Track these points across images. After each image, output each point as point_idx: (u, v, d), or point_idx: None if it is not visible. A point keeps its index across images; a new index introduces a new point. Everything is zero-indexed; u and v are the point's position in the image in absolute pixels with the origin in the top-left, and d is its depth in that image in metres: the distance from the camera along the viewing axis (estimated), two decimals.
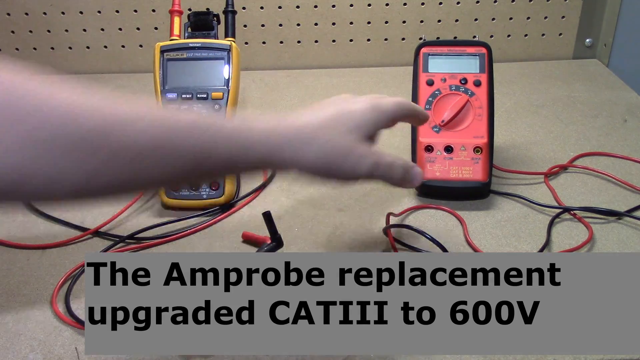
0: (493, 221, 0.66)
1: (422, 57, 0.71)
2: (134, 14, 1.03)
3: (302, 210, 0.69)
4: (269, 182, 0.74)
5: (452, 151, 0.68)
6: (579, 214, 0.66)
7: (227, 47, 0.70)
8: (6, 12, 1.03)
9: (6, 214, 0.69)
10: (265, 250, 0.60)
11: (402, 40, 1.07)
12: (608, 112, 0.89)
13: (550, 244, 0.62)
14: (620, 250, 0.61)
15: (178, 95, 0.69)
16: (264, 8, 1.03)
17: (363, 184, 0.73)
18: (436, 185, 0.68)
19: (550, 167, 0.74)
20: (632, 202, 0.68)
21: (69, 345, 0.51)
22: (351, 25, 1.05)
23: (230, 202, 0.69)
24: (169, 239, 0.64)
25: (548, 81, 1.00)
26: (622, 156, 0.77)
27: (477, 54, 0.70)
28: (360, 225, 0.66)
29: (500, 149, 0.79)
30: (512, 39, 1.07)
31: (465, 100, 0.69)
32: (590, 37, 1.07)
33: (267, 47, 1.07)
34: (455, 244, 0.63)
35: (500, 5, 1.04)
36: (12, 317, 0.55)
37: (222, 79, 0.69)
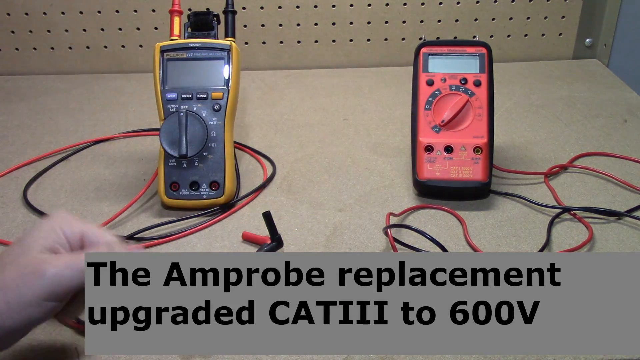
0: (493, 221, 0.66)
1: (422, 57, 0.71)
2: (134, 14, 1.03)
3: (302, 210, 0.69)
4: (269, 182, 0.74)
5: (452, 151, 0.68)
6: (579, 214, 0.66)
7: (227, 47, 0.70)
8: (6, 12, 1.03)
9: (6, 214, 0.69)
10: (265, 250, 0.60)
11: (402, 40, 1.07)
12: (608, 112, 0.89)
13: (550, 244, 0.62)
14: (620, 250, 0.61)
15: (178, 95, 0.68)
16: (264, 8, 1.03)
17: (363, 185, 0.73)
18: (436, 185, 0.68)
19: (550, 167, 0.74)
20: (632, 202, 0.68)
21: (69, 345, 0.51)
22: (351, 25, 1.05)
23: (230, 202, 0.69)
24: (169, 239, 0.64)
25: (548, 81, 1.00)
26: (622, 156, 0.77)
27: (477, 54, 0.70)
28: (360, 225, 0.66)
29: (500, 149, 0.79)
30: (512, 39, 1.07)
31: (465, 100, 0.69)
32: (590, 37, 1.07)
33: (267, 47, 1.07)
34: (455, 244, 0.63)
35: (500, 5, 1.04)
36: None
37: (222, 79, 0.69)
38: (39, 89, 1.02)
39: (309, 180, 0.74)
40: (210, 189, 0.68)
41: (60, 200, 0.72)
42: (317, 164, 0.78)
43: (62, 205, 0.70)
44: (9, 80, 1.05)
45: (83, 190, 0.74)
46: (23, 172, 0.78)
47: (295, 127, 0.88)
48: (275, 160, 0.79)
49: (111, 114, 0.93)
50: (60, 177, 0.77)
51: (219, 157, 0.68)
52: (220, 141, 0.68)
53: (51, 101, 0.98)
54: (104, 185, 0.74)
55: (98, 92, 1.01)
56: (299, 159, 0.79)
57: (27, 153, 0.82)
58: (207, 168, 0.68)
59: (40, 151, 0.82)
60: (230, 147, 0.69)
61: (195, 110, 0.68)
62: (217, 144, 0.68)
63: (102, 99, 0.98)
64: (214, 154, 0.68)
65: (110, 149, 0.83)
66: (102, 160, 0.80)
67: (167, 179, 0.68)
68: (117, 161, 0.80)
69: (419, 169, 0.69)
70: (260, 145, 0.82)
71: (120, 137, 0.86)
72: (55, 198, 0.72)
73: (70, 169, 0.78)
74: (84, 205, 0.70)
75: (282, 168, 0.77)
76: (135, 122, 0.90)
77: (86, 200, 0.71)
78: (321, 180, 0.74)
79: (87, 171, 0.78)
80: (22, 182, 0.75)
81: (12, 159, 0.81)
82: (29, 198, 0.72)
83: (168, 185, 0.68)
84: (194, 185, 0.68)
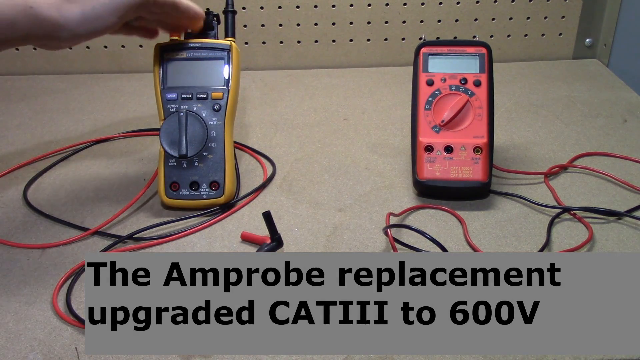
0: (493, 221, 0.66)
1: (422, 57, 0.71)
2: None
3: (302, 210, 0.69)
4: (269, 182, 0.74)
5: (452, 151, 0.68)
6: (579, 214, 0.66)
7: (227, 47, 0.70)
8: None
9: (6, 214, 0.69)
10: (265, 250, 0.60)
11: (402, 40, 1.07)
12: (608, 112, 0.89)
13: (550, 244, 0.62)
14: (620, 250, 0.61)
15: (178, 95, 0.69)
16: (264, 8, 1.03)
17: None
18: (436, 185, 0.68)
19: (550, 167, 0.74)
20: (632, 202, 0.68)
21: (69, 345, 0.51)
22: (351, 25, 1.05)
23: (230, 202, 0.69)
24: (169, 239, 0.64)
25: (548, 81, 1.00)
26: (622, 156, 0.77)
27: (477, 54, 0.70)
28: (360, 225, 0.66)
29: (500, 149, 0.79)
30: (512, 39, 1.07)
31: (465, 100, 0.69)
32: (590, 37, 1.07)
33: (267, 47, 1.07)
34: (455, 244, 0.63)
35: (500, 5, 1.04)
36: (12, 317, 0.55)
37: (222, 79, 0.70)
38: (39, 89, 1.02)
39: (309, 180, 0.75)
40: (210, 189, 0.68)
41: (60, 200, 0.72)
42: (317, 164, 0.78)
43: (62, 205, 0.70)
44: (8, 80, 1.05)
45: (83, 190, 0.74)
46: (23, 172, 0.78)
47: (295, 127, 0.88)
48: (275, 160, 0.79)
49: (111, 114, 0.93)
50: (60, 177, 0.77)
51: (219, 157, 0.68)
52: (220, 141, 0.68)
53: (51, 101, 0.98)
54: (104, 185, 0.74)
55: (98, 92, 1.01)
56: (299, 159, 0.79)
57: (27, 153, 0.82)
58: (207, 168, 0.68)
59: (40, 151, 0.82)
60: (230, 147, 0.69)
61: (195, 110, 0.68)
62: (217, 144, 0.68)
63: (102, 99, 0.98)
64: (214, 154, 0.68)
65: (110, 149, 0.83)
66: (102, 160, 0.80)
67: (167, 179, 0.68)
68: (117, 161, 0.80)
69: (419, 169, 0.69)
70: (260, 145, 0.83)
71: (120, 137, 0.86)
72: (55, 198, 0.72)
73: (70, 169, 0.79)
74: (84, 205, 0.70)
75: (282, 168, 0.77)
76: (135, 122, 0.90)
77: (86, 200, 0.72)
78: (321, 180, 0.74)
79: (87, 171, 0.78)
80: (22, 182, 0.75)
81: (12, 159, 0.81)
82: (29, 198, 0.72)
83: (168, 185, 0.68)
84: (194, 185, 0.68)
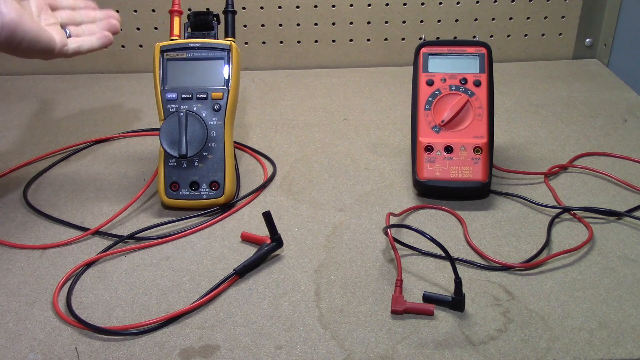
0: (493, 221, 0.66)
1: (422, 57, 0.71)
2: (134, 14, 1.03)
3: (302, 210, 0.69)
4: (269, 182, 0.74)
5: (452, 151, 0.68)
6: (579, 214, 0.66)
7: (227, 47, 0.70)
8: None
9: (6, 214, 0.69)
10: (265, 250, 0.60)
11: (402, 40, 1.07)
12: (608, 112, 0.89)
13: (550, 244, 0.62)
14: (620, 250, 0.61)
15: (178, 95, 0.68)
16: (264, 8, 1.03)
17: (363, 185, 0.73)
18: (436, 185, 0.68)
19: (550, 167, 0.74)
20: (632, 202, 0.68)
21: (69, 345, 0.51)
22: (351, 25, 1.05)
23: (230, 202, 0.69)
24: (169, 239, 0.64)
25: (548, 81, 1.00)
26: (622, 156, 0.77)
27: (477, 54, 0.70)
28: (360, 225, 0.66)
29: (500, 149, 0.79)
30: (512, 39, 1.07)
31: (465, 100, 0.69)
32: (590, 37, 1.07)
33: (267, 47, 1.07)
34: (455, 244, 0.63)
35: (500, 5, 1.04)
36: (12, 317, 0.55)
37: (222, 79, 0.70)
38: (39, 89, 1.02)
39: (309, 180, 0.74)
40: (210, 189, 0.68)
41: (60, 200, 0.72)
42: (317, 164, 0.78)
43: (62, 205, 0.70)
44: (8, 80, 1.05)
45: (83, 190, 0.74)
46: (23, 172, 0.78)
47: (295, 127, 0.88)
48: (275, 160, 0.79)
49: (111, 114, 0.93)
50: (60, 177, 0.77)
51: (219, 157, 0.68)
52: (220, 141, 0.68)
53: (51, 101, 0.98)
54: (104, 185, 0.74)
55: (98, 92, 1.01)
56: (299, 159, 0.79)
57: (27, 153, 0.82)
58: (207, 168, 0.68)
59: (40, 151, 0.82)
60: (230, 147, 0.69)
61: (195, 110, 0.68)
62: (217, 144, 0.68)
63: (102, 99, 0.98)
64: (214, 154, 0.68)
65: (110, 149, 0.83)
66: (102, 160, 0.80)
67: (167, 179, 0.68)
68: (117, 161, 0.80)
69: (419, 169, 0.69)
70: (260, 145, 0.83)
71: (120, 137, 0.86)
72: (55, 198, 0.72)
73: (70, 169, 0.79)
74: (83, 205, 0.70)
75: (282, 168, 0.77)
76: (135, 122, 0.90)
77: (86, 200, 0.71)
78: (321, 180, 0.74)
79: (87, 171, 0.78)
80: (22, 182, 0.75)
81: (12, 159, 0.81)
82: (29, 198, 0.72)
83: (168, 185, 0.68)
84: (194, 185, 0.68)
